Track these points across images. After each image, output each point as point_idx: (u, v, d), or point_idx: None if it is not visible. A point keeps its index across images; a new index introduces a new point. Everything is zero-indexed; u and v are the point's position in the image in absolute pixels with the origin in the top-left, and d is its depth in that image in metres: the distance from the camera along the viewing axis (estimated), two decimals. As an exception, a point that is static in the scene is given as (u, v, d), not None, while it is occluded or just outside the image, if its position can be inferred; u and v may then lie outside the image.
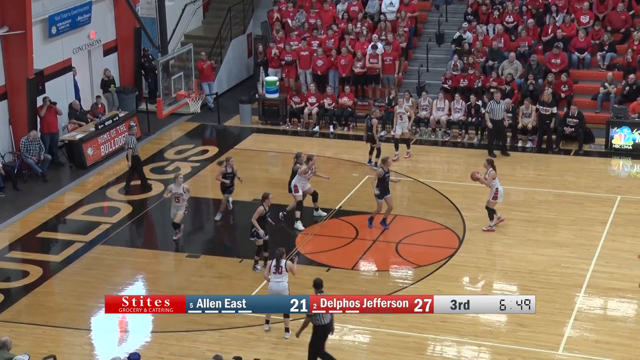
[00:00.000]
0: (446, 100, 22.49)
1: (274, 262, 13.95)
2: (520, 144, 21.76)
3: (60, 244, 17.63)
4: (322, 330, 12.97)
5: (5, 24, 19.88)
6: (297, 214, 17.66)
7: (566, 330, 14.21)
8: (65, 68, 22.12)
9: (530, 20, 24.09)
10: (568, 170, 20.53)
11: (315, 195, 17.97)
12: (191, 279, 16.07)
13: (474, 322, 14.28)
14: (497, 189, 17.21)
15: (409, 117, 21.12)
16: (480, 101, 22.20)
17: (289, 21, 25.57)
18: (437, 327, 14.20)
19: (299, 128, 23.44)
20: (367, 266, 16.50)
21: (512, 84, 22.53)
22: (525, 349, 13.74)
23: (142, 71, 24.82)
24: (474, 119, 22.10)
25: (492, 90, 22.46)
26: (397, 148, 20.98)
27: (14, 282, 16.23)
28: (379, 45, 23.60)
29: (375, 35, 24.03)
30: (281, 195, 18.77)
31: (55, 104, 21.00)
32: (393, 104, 22.62)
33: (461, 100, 22.38)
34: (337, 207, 18.56)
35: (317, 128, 23.26)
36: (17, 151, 20.44)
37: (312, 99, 23.40)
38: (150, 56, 24.62)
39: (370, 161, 20.54)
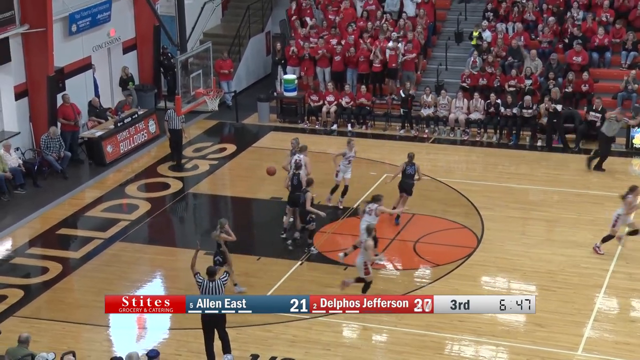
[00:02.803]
0: (465, 99, 22.42)
1: (367, 206, 15.84)
2: (539, 143, 21.64)
3: (80, 240, 17.73)
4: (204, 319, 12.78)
5: (26, 22, 20.01)
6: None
7: (585, 330, 14.12)
8: (85, 66, 22.23)
9: (551, 18, 23.95)
10: (588, 170, 20.37)
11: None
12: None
13: (492, 322, 14.23)
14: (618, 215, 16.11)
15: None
16: (499, 100, 22.11)
17: (308, 19, 25.56)
18: (454, 327, 14.16)
19: (317, 126, 23.43)
20: (384, 265, 16.46)
21: (532, 77, 22.37)
22: (543, 350, 13.67)
23: (161, 69, 24.90)
24: (494, 118, 22.02)
25: (510, 89, 22.42)
26: (343, 194, 18.36)
27: (33, 278, 16.34)
28: (400, 46, 23.54)
29: (394, 33, 23.98)
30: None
31: (76, 123, 20.97)
32: (410, 98, 22.55)
33: (480, 99, 22.30)
34: (354, 206, 18.52)
35: (335, 126, 23.24)
36: (37, 148, 20.58)
37: (330, 97, 23.39)
38: (169, 54, 24.69)
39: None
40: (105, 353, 13.75)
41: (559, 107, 21.18)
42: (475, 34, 23.94)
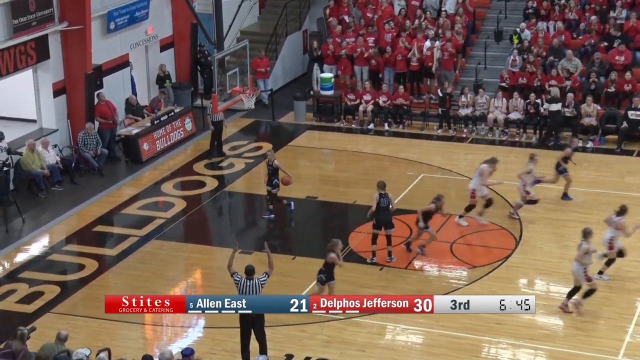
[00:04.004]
0: (504, 99, 22.13)
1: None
2: (580, 143, 21.30)
3: (116, 238, 17.79)
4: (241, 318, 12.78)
5: (65, 20, 20.15)
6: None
7: (627, 335, 13.84)
8: (122, 63, 22.34)
9: (593, 17, 23.54)
10: (630, 171, 20.01)
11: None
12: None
13: (530, 325, 14.00)
14: None
15: None
16: (539, 99, 21.78)
17: (345, 17, 25.44)
18: (492, 329, 13.95)
19: (353, 125, 23.29)
20: (420, 266, 16.28)
21: (572, 78, 22.00)
22: (583, 354, 13.42)
23: (198, 67, 24.95)
24: (533, 118, 21.69)
25: (550, 88, 22.08)
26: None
27: (70, 275, 16.43)
28: (437, 43, 23.32)
29: (431, 31, 23.75)
30: (334, 193, 18.70)
31: (114, 120, 21.03)
32: (448, 97, 22.30)
33: (519, 99, 21.99)
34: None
35: (372, 125, 23.08)
36: (74, 145, 20.71)
37: (367, 96, 23.24)
38: (206, 52, 24.72)
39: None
40: (141, 351, 13.73)
41: (556, 107, 20.79)
42: (515, 36, 23.63)
